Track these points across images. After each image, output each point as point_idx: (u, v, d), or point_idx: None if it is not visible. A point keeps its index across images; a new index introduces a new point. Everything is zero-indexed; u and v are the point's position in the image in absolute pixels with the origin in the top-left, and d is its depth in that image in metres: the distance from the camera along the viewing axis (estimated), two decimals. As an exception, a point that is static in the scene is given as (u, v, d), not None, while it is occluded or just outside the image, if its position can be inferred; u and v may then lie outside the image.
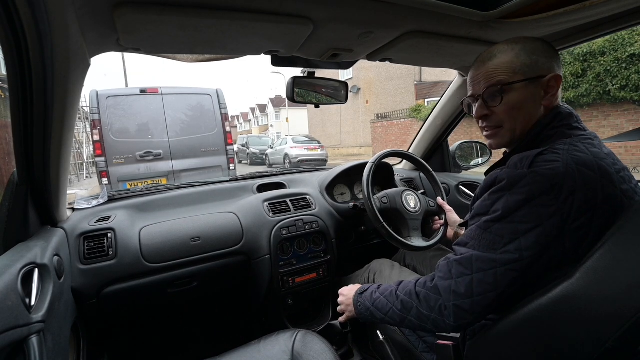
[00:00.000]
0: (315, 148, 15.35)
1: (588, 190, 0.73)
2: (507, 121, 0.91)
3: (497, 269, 0.77)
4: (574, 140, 0.80)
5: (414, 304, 0.90)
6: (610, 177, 0.75)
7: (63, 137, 1.02)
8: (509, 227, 0.77)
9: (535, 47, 0.86)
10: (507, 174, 0.80)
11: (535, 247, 0.74)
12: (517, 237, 0.76)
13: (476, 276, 0.79)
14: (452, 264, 0.85)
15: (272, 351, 1.11)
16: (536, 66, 0.86)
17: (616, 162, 0.81)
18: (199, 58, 1.23)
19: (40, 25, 0.71)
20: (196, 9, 0.84)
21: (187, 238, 1.49)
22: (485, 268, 0.78)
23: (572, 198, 0.72)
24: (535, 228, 0.74)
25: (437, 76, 18.31)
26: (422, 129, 2.15)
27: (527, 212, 0.75)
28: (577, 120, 0.86)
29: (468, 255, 0.82)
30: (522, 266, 0.75)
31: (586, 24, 1.17)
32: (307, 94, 1.45)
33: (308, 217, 1.73)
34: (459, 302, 0.81)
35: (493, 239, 0.79)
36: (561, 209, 0.72)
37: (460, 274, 0.82)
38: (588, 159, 0.76)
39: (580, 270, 0.71)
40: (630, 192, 0.78)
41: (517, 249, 0.75)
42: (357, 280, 1.69)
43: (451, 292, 0.82)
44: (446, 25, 1.09)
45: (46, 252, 1.00)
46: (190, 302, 1.66)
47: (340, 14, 0.94)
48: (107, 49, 1.01)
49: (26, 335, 0.77)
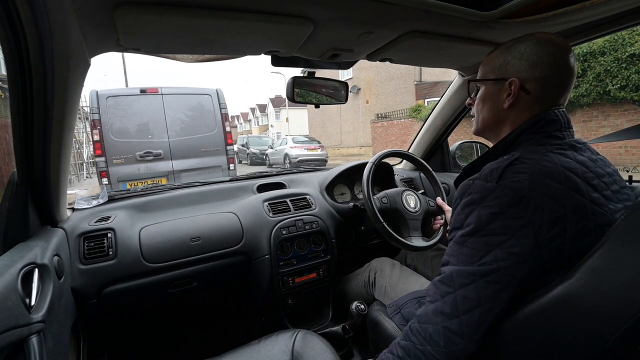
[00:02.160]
0: (315, 148, 15.32)
1: (554, 201, 0.73)
2: (476, 112, 1.00)
3: (477, 282, 0.76)
4: (547, 149, 0.81)
5: (410, 343, 0.84)
6: (577, 187, 0.75)
7: (63, 137, 1.02)
8: (483, 239, 0.77)
9: (519, 50, 0.88)
10: (478, 187, 0.80)
11: (510, 258, 0.74)
12: (491, 249, 0.75)
13: (459, 292, 0.78)
14: (437, 284, 0.83)
15: (272, 351, 1.11)
16: (504, 68, 0.89)
17: (589, 171, 0.80)
18: (198, 58, 1.23)
19: (40, 25, 0.71)
20: (196, 9, 0.84)
21: (187, 238, 1.49)
22: (467, 282, 0.77)
23: (540, 209, 0.73)
24: (508, 240, 0.74)
25: (437, 76, 18.31)
26: (422, 129, 2.15)
27: (498, 224, 0.75)
28: (560, 128, 0.85)
29: (449, 272, 0.81)
30: (502, 277, 0.74)
31: (586, 23, 1.17)
32: (307, 94, 1.46)
33: (308, 217, 1.73)
34: (447, 323, 0.78)
35: (469, 252, 0.78)
36: (531, 220, 0.73)
37: (445, 292, 0.80)
38: (555, 169, 0.76)
39: (580, 270, 0.71)
40: (601, 200, 0.77)
41: (494, 260, 0.75)
42: (358, 279, 1.70)
43: (438, 313, 0.80)
44: (446, 25, 1.09)
45: (46, 252, 0.99)
46: (190, 302, 1.66)
47: (340, 14, 0.94)
48: (107, 49, 1.01)
49: (26, 335, 0.77)
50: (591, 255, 0.70)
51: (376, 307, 1.44)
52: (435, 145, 2.16)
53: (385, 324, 1.30)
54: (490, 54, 0.95)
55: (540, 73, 0.85)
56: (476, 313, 0.76)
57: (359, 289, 1.67)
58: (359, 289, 1.67)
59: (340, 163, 2.18)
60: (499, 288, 0.75)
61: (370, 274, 1.62)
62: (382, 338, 1.31)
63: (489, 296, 0.75)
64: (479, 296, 0.76)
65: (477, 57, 1.38)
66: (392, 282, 1.51)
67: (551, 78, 0.85)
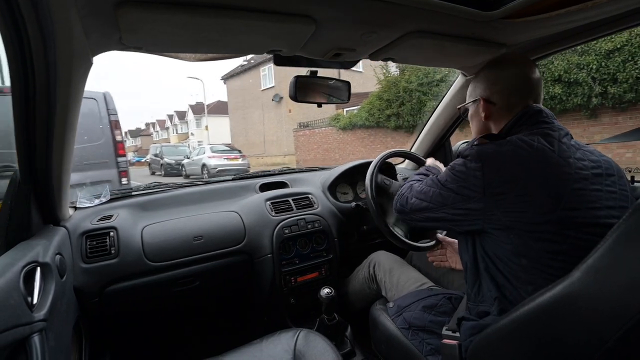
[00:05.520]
0: (236, 157, 14.48)
1: (516, 165, 0.87)
2: (472, 128, 1.20)
3: (434, 190, 1.03)
4: (532, 130, 0.94)
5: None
6: (556, 168, 0.86)
7: (65, 136, 1.03)
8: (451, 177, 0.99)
9: (482, 75, 1.11)
10: (461, 151, 1.00)
11: (458, 196, 0.95)
12: (451, 188, 0.98)
13: (423, 186, 1.09)
14: (417, 177, 1.25)
15: (274, 350, 1.12)
16: (474, 92, 1.13)
17: (567, 149, 0.89)
18: (201, 57, 1.23)
19: (43, 24, 0.71)
20: (199, 8, 0.84)
21: (189, 237, 1.49)
22: (430, 184, 1.06)
23: (496, 170, 0.89)
24: (461, 183, 0.95)
25: (354, 88, 17.87)
26: (425, 129, 2.14)
27: (457, 174, 0.97)
28: (546, 116, 0.98)
29: (426, 180, 1.11)
30: (451, 200, 0.97)
31: (589, 24, 1.17)
32: (309, 94, 1.45)
33: (310, 217, 1.73)
34: (410, 196, 1.13)
35: (438, 183, 1.03)
36: (485, 174, 0.89)
37: (417, 180, 1.19)
38: (530, 141, 0.89)
39: (581, 270, 0.71)
40: (584, 191, 0.84)
41: (449, 194, 0.98)
42: (358, 277, 1.70)
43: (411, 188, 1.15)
44: (449, 25, 1.08)
45: (48, 251, 1.00)
46: (192, 301, 1.66)
47: (342, 13, 0.94)
48: (109, 48, 1.01)
49: (28, 333, 0.77)
50: (592, 255, 0.70)
51: (378, 305, 1.43)
52: (437, 144, 2.15)
53: (387, 324, 1.30)
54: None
55: (500, 87, 1.05)
56: (422, 205, 1.07)
57: (361, 287, 1.68)
58: (362, 287, 1.67)
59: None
60: (445, 202, 0.99)
61: (370, 268, 1.63)
62: (383, 338, 1.31)
63: (435, 201, 1.02)
64: (430, 198, 1.04)
65: (480, 57, 1.38)
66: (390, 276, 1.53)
67: (510, 87, 1.03)
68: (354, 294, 1.74)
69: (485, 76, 1.10)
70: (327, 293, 1.47)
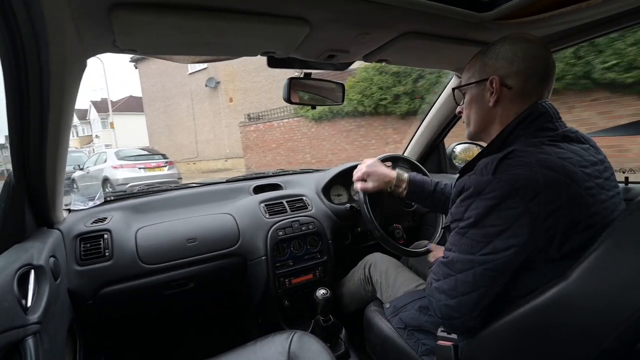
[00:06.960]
0: (159, 166, 10.28)
1: (552, 190, 0.75)
2: (466, 118, 1.04)
3: (476, 269, 0.81)
4: (542, 142, 0.84)
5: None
6: (573, 177, 0.78)
7: (59, 139, 1.02)
8: (482, 231, 0.81)
9: (494, 51, 0.93)
10: (474, 181, 0.84)
11: (508, 248, 0.77)
12: (490, 240, 0.80)
13: (459, 276, 0.85)
14: (440, 266, 0.92)
15: (268, 352, 1.11)
16: (483, 70, 0.95)
17: (583, 159, 0.83)
18: (195, 59, 1.23)
19: (36, 25, 0.71)
20: (193, 10, 0.84)
21: (183, 239, 1.49)
22: (466, 268, 0.83)
23: (538, 199, 0.75)
24: (505, 230, 0.77)
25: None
26: (418, 131, 2.14)
27: (496, 216, 0.79)
28: (551, 119, 0.88)
29: (451, 258, 0.87)
30: (498, 265, 0.79)
31: (584, 24, 1.18)
32: (303, 95, 1.45)
33: (304, 219, 1.73)
34: (447, 301, 0.87)
35: (470, 243, 0.83)
36: (529, 208, 0.75)
37: (447, 274, 0.88)
38: (552, 160, 0.79)
39: (577, 271, 0.71)
40: (594, 190, 0.80)
41: (492, 251, 0.79)
42: (354, 279, 1.69)
43: (441, 291, 0.89)
44: (442, 26, 1.09)
45: (42, 254, 0.99)
46: (186, 303, 1.66)
47: (336, 15, 0.95)
48: (103, 50, 1.00)
49: (22, 336, 0.76)
50: (587, 256, 0.70)
51: (372, 307, 1.43)
52: (431, 147, 2.15)
53: (382, 325, 1.30)
54: (469, 62, 1.01)
55: (518, 67, 0.89)
56: (473, 296, 0.83)
57: (356, 289, 1.67)
58: (357, 289, 1.66)
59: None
60: (494, 275, 0.80)
61: (365, 270, 1.62)
62: (378, 339, 1.31)
63: (485, 282, 0.81)
64: (476, 281, 0.82)
65: (474, 59, 1.39)
66: (386, 277, 1.51)
67: (530, 71, 0.89)
68: (348, 296, 1.74)
69: (498, 52, 0.92)
70: (323, 294, 1.47)
